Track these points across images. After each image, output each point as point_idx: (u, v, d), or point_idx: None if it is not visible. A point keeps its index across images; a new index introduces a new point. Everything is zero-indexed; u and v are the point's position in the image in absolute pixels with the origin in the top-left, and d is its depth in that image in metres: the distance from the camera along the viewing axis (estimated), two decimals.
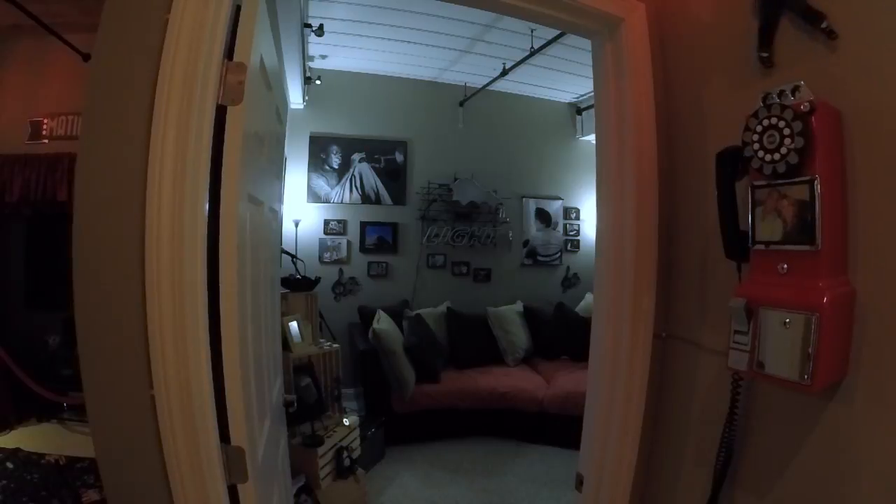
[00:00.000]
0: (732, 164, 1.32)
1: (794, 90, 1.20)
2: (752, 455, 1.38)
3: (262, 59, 1.56)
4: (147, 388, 1.11)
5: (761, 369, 1.20)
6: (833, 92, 1.18)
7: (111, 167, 1.14)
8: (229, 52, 1.30)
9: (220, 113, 1.26)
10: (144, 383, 1.11)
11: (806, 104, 1.13)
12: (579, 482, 1.83)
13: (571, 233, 7.00)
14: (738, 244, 1.33)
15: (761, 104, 1.24)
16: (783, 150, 1.16)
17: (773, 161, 1.18)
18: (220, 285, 1.24)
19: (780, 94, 1.22)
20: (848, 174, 1.17)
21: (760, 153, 1.21)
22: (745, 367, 1.24)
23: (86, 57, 4.41)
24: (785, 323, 1.15)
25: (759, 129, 1.22)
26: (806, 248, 1.15)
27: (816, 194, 1.13)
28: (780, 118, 1.17)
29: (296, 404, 2.34)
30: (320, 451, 3.26)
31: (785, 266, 1.20)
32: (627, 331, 1.63)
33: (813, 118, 1.12)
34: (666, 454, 1.67)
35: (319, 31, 4.30)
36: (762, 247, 1.26)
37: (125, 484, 1.19)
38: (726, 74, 1.51)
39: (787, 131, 1.15)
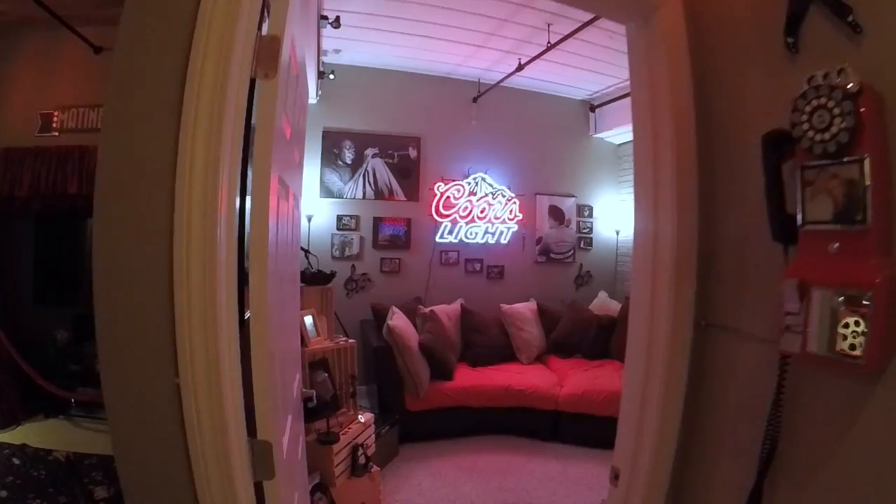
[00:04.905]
0: (779, 146, 1.32)
1: (840, 72, 1.17)
2: (795, 443, 1.32)
3: (293, 39, 1.49)
4: (172, 376, 1.04)
5: (814, 350, 1.18)
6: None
7: (139, 137, 1.07)
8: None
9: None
10: (169, 371, 1.04)
11: (854, 85, 1.12)
12: (615, 476, 1.77)
13: (585, 230, 6.94)
14: (785, 226, 1.31)
15: (807, 86, 1.23)
16: (833, 130, 1.15)
17: (823, 141, 1.17)
18: (250, 266, 1.18)
19: (826, 76, 1.20)
20: (891, 156, 1.15)
21: (810, 133, 1.20)
22: (798, 350, 1.21)
23: (97, 50, 4.38)
24: (838, 302, 1.13)
25: (808, 109, 1.20)
26: (857, 227, 1.14)
27: (866, 173, 1.12)
28: (829, 98, 1.16)
29: (314, 399, 2.27)
30: (335, 448, 3.19)
31: (836, 246, 1.18)
32: (667, 320, 1.56)
33: (861, 98, 1.12)
34: (704, 445, 1.61)
35: (336, 24, 4.24)
36: (813, 227, 1.24)
37: (144, 479, 1.12)
38: (761, 60, 1.49)
39: (836, 111, 1.14)
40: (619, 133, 6.70)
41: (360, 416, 3.63)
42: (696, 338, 1.59)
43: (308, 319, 3.38)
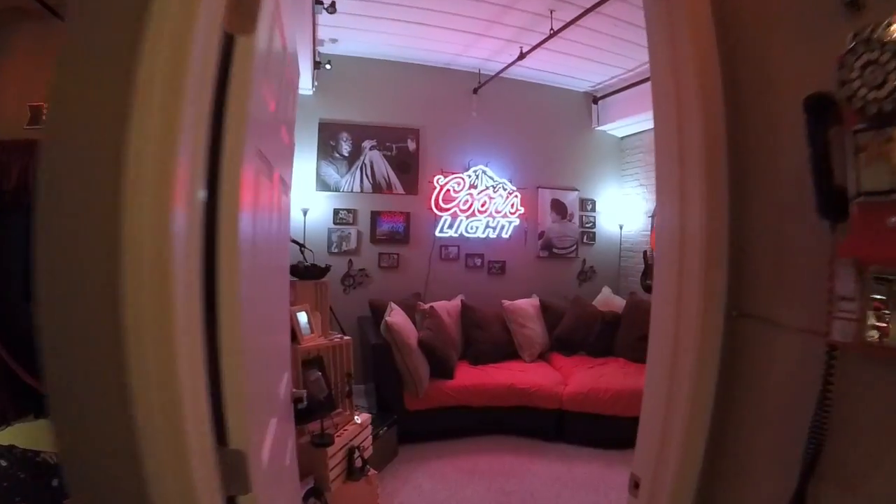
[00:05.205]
0: (823, 110, 1.16)
1: (888, 25, 1.04)
2: (845, 444, 1.17)
3: (279, 3, 1.35)
4: (120, 375, 0.88)
5: (873, 339, 1.04)
6: None
7: (84, 111, 0.91)
8: None
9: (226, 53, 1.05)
10: (117, 369, 0.89)
11: None
12: (634, 485, 1.60)
13: (587, 225, 6.80)
14: (835, 200, 1.15)
15: (853, 43, 1.09)
16: (889, 86, 1.01)
17: (877, 99, 1.03)
18: (218, 255, 1.03)
19: (873, 29, 1.06)
20: None
21: (862, 91, 1.06)
22: (853, 339, 1.06)
23: None
24: None
25: (858, 65, 1.07)
26: None
27: None
28: (881, 52, 1.03)
29: (305, 400, 2.13)
30: (330, 451, 3.05)
31: (895, 220, 1.03)
32: (696, 312, 1.38)
33: None
34: (736, 448, 1.45)
35: (331, 9, 4.09)
36: (868, 199, 1.08)
37: (95, 496, 0.96)
38: (799, 22, 1.33)
39: (892, 65, 1.01)
40: (623, 126, 6.58)
41: (356, 417, 3.49)
42: (727, 330, 1.43)
43: (302, 316, 3.23)
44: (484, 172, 6.09)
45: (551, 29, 4.58)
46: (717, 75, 1.45)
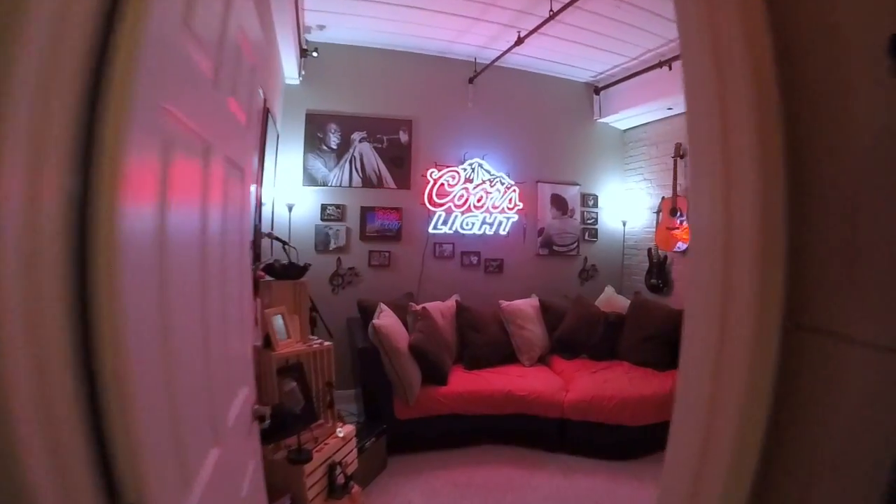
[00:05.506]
0: None
1: None
2: None
3: None
4: None
5: None
6: None
7: None
8: None
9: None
10: None
11: None
12: None
13: (589, 221, 6.53)
14: None
15: None
16: None
17: None
18: (92, 257, 0.75)
19: None
20: None
21: None
22: None
23: None
24: None
25: None
26: None
27: None
28: None
29: (268, 417, 1.84)
30: (308, 467, 2.76)
31: None
32: (748, 322, 1.07)
33: None
34: (791, 492, 1.15)
35: None
36: None
37: None
38: None
39: None
40: (626, 117, 6.30)
41: (339, 430, 3.19)
42: (784, 345, 1.12)
43: (277, 320, 2.94)
44: (480, 166, 5.80)
45: (550, 10, 4.29)
46: (768, 48, 1.15)
